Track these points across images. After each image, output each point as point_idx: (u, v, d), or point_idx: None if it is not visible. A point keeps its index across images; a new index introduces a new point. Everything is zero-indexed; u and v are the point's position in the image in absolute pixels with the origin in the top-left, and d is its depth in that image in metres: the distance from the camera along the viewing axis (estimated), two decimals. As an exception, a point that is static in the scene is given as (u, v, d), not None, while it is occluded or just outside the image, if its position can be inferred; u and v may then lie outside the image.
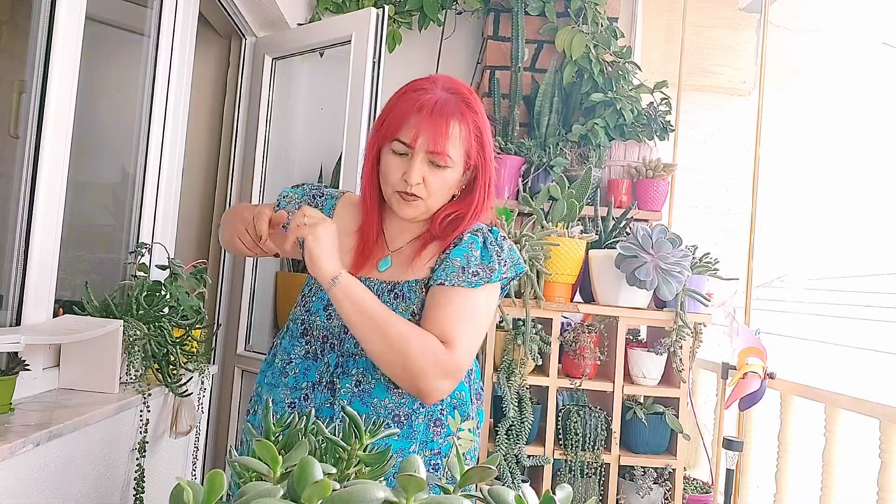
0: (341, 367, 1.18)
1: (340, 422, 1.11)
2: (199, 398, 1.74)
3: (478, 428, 1.26)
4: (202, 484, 0.49)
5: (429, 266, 1.20)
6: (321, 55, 2.80)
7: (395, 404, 1.15)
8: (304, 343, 1.23)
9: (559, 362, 2.12)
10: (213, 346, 2.55)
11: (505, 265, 1.18)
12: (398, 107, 1.13)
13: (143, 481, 1.42)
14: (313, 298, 1.24)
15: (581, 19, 2.78)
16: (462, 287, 1.13)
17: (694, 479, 2.44)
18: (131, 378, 1.46)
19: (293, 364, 1.22)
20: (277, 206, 1.30)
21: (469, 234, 1.19)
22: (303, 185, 1.36)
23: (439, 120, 1.10)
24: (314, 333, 1.22)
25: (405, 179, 1.12)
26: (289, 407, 1.20)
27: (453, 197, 1.21)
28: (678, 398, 2.13)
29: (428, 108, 1.10)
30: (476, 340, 1.16)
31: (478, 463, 1.22)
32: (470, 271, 1.14)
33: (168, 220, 1.91)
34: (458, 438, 1.19)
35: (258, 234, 1.15)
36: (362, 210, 1.24)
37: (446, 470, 1.15)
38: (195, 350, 1.70)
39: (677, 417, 2.11)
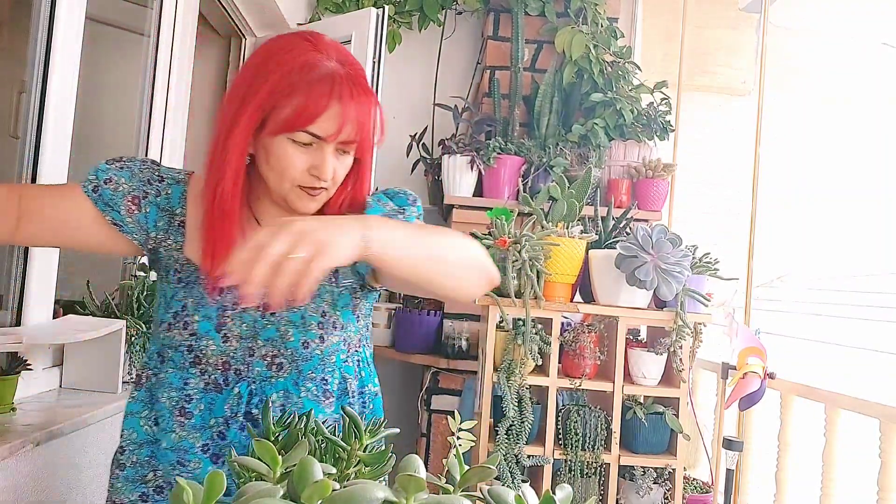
0: (258, 396, 0.99)
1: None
2: (200, 398, 1.74)
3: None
4: (202, 484, 0.49)
5: None
6: (321, 55, 2.80)
7: (330, 417, 1.02)
8: (198, 374, 0.99)
9: (559, 362, 2.12)
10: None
11: (415, 200, 1.10)
12: (303, 93, 0.90)
13: (144, 481, 1.42)
14: (195, 318, 0.99)
15: (581, 19, 2.78)
16: (407, 222, 1.04)
17: (694, 479, 2.44)
18: (132, 378, 1.46)
19: (194, 401, 0.99)
20: (95, 192, 0.98)
21: (368, 199, 1.06)
22: (127, 160, 1.03)
23: (363, 108, 0.93)
24: (209, 361, 0.99)
25: (316, 175, 0.93)
26: (202, 451, 0.98)
27: None
28: (678, 398, 2.13)
29: (347, 94, 0.91)
30: None
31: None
32: (398, 214, 1.05)
33: (168, 220, 1.91)
34: (458, 438, 1.19)
35: None
36: (217, 209, 0.95)
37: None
38: (195, 350, 1.70)
39: (677, 417, 2.11)
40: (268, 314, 1.00)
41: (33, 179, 1.35)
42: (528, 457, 2.04)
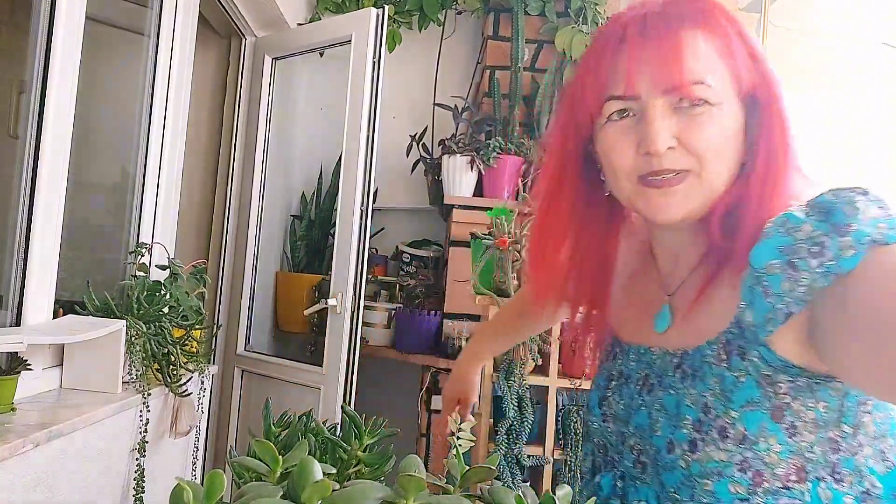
0: (619, 497, 0.76)
1: None
2: (199, 398, 1.74)
3: None
4: (202, 484, 0.49)
5: (731, 312, 0.67)
6: (321, 55, 2.80)
7: None
8: (588, 451, 0.84)
9: (559, 362, 2.11)
10: (213, 346, 2.55)
11: (869, 214, 0.58)
12: (594, 60, 0.71)
13: (143, 481, 1.42)
14: (591, 386, 0.85)
15: (581, 19, 2.78)
16: (836, 280, 0.57)
17: (694, 479, 2.44)
18: (132, 378, 1.46)
19: (585, 479, 0.85)
20: None
21: (776, 217, 0.64)
22: None
23: (660, 34, 0.67)
24: (594, 440, 0.82)
25: (647, 150, 0.67)
26: None
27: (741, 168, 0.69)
28: (678, 398, 2.12)
29: (634, 28, 0.68)
30: None
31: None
32: (815, 245, 0.59)
33: (168, 220, 1.91)
34: (458, 438, 1.19)
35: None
36: (538, 228, 0.83)
37: None
38: (195, 350, 1.70)
39: (677, 417, 2.11)
40: (644, 392, 0.74)
41: (33, 179, 1.35)
42: (528, 457, 2.04)
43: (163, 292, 1.62)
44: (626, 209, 0.80)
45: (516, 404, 2.00)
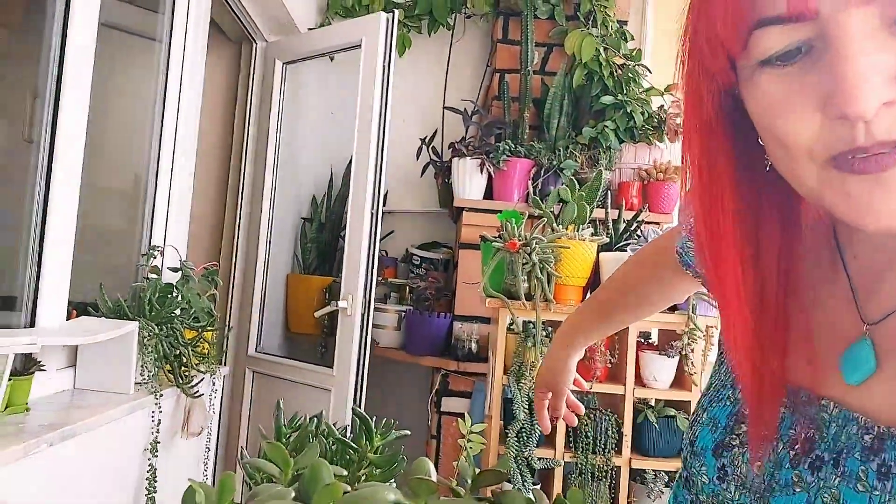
0: None
1: None
2: (211, 399, 1.75)
3: None
4: (214, 485, 0.50)
5: None
6: (331, 60, 2.81)
7: None
8: (688, 500, 0.60)
9: (569, 365, 2.11)
10: (225, 347, 2.56)
11: None
12: None
13: (155, 482, 1.43)
14: (702, 417, 0.59)
15: (591, 22, 2.78)
16: None
17: (705, 483, 2.42)
18: (144, 379, 1.48)
19: None
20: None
21: None
22: None
23: None
24: (699, 496, 0.58)
25: (841, 110, 0.37)
26: None
27: None
28: (689, 401, 2.11)
29: None
30: None
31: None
32: None
33: (180, 223, 1.93)
34: (469, 441, 1.19)
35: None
36: (713, 255, 0.50)
37: None
38: (207, 351, 1.71)
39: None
40: (803, 464, 0.48)
41: (47, 184, 1.36)
42: (539, 459, 2.03)
43: (175, 294, 1.63)
44: None
45: (526, 407, 2.00)
